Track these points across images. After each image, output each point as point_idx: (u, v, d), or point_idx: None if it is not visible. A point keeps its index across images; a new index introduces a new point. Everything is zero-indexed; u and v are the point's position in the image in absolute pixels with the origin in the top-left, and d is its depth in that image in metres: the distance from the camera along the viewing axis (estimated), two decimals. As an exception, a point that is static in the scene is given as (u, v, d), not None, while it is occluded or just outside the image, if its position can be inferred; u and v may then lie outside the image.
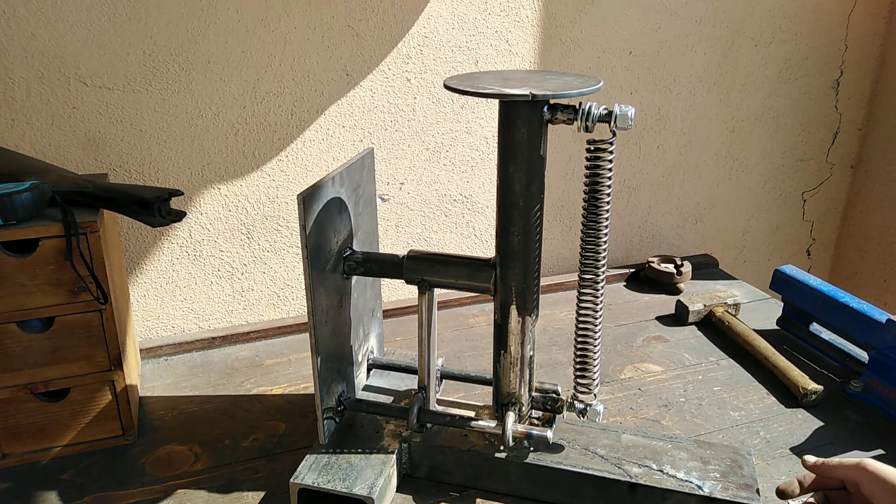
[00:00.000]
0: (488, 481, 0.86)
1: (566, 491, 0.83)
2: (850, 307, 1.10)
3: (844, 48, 1.56)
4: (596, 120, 0.72)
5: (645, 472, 0.81)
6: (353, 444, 0.86)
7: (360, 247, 0.93)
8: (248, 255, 1.25)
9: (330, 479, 0.80)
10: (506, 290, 0.82)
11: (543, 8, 1.29)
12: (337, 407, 0.88)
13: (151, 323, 1.23)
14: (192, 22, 1.09)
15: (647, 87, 1.43)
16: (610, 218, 0.78)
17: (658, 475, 0.81)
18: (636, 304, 1.37)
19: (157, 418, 1.01)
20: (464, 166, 1.34)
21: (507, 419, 0.82)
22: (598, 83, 0.72)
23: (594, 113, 0.72)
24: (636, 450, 0.85)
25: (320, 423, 0.85)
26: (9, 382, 0.88)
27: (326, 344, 0.83)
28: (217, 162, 1.17)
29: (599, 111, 0.72)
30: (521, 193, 0.77)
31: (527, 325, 0.83)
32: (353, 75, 1.21)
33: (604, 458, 0.83)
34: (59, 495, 0.86)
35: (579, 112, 0.72)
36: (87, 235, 0.85)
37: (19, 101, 1.04)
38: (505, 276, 0.81)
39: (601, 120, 0.72)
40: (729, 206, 1.62)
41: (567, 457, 0.84)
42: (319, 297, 0.80)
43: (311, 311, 0.78)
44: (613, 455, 0.84)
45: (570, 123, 0.72)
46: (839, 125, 1.64)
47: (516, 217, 0.78)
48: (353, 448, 0.85)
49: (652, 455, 0.84)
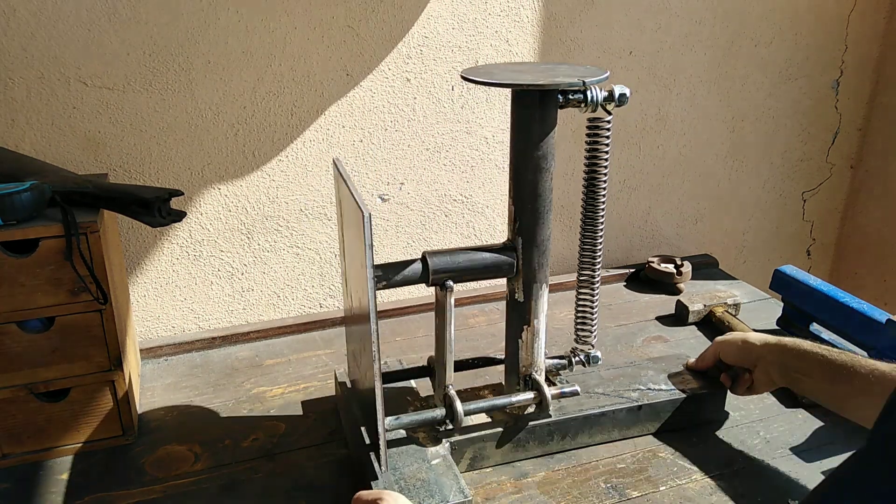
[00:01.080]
0: (524, 451, 0.92)
1: (591, 432, 0.94)
2: (850, 307, 1.10)
3: (844, 48, 1.56)
4: (601, 101, 0.80)
5: (640, 394, 0.97)
6: (402, 462, 0.84)
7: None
8: (248, 255, 1.25)
9: (420, 501, 0.79)
10: (529, 268, 0.87)
11: (543, 8, 1.29)
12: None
13: (151, 323, 1.23)
14: (192, 22, 1.09)
15: (647, 87, 1.43)
16: (609, 174, 0.86)
17: (651, 392, 0.97)
18: (636, 304, 1.37)
19: (157, 418, 1.01)
20: (464, 166, 1.34)
21: (542, 386, 0.90)
22: (605, 70, 0.83)
23: (599, 95, 0.80)
24: (620, 380, 1.00)
25: (383, 452, 0.81)
26: (9, 382, 0.88)
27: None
28: (217, 162, 1.17)
29: (603, 93, 0.80)
30: (538, 169, 0.84)
31: (545, 296, 0.90)
32: (353, 75, 1.21)
33: (606, 394, 0.96)
34: (59, 495, 0.86)
35: (588, 95, 0.80)
36: (87, 235, 0.85)
37: (19, 101, 1.04)
38: (528, 255, 0.87)
39: (606, 100, 0.81)
40: (729, 206, 1.62)
41: (582, 404, 0.94)
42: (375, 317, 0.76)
43: (376, 334, 0.75)
44: (610, 390, 0.97)
45: (579, 105, 0.81)
46: (839, 125, 1.64)
47: (535, 194, 0.85)
48: (406, 465, 0.84)
49: (633, 379, 1.00)
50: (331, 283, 1.32)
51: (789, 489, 0.87)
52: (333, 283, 1.32)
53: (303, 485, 0.88)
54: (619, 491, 0.87)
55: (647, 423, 0.97)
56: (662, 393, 0.97)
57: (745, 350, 0.94)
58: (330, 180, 1.25)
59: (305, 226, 1.26)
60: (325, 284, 1.32)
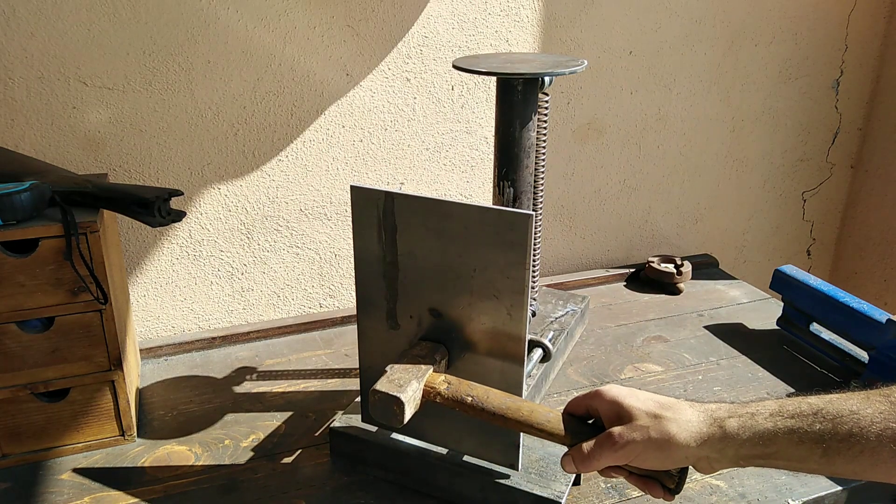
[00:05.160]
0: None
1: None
2: (850, 307, 1.10)
3: (844, 48, 1.56)
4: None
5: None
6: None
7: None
8: (248, 255, 1.25)
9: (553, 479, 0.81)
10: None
11: (543, 8, 1.29)
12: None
13: (151, 323, 1.23)
14: (192, 22, 1.09)
15: (647, 87, 1.43)
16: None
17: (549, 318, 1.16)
18: (636, 304, 1.37)
19: (157, 418, 1.01)
20: (464, 166, 1.34)
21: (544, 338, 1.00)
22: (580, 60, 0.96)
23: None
24: (537, 321, 1.14)
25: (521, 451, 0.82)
26: (9, 382, 0.88)
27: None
28: (217, 162, 1.17)
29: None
30: (519, 136, 0.94)
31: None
32: (353, 75, 1.21)
33: (535, 333, 1.09)
34: (59, 495, 0.86)
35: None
36: (87, 235, 0.85)
37: (19, 101, 1.04)
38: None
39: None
40: (729, 206, 1.62)
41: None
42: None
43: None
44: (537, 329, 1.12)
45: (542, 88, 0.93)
46: (839, 125, 1.64)
47: (518, 155, 0.94)
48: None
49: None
50: (331, 283, 1.32)
51: (789, 489, 0.87)
52: (333, 283, 1.32)
53: (303, 485, 0.88)
54: (619, 491, 0.87)
55: None
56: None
57: (669, 457, 0.62)
58: (330, 180, 1.25)
59: (305, 226, 1.26)
60: (325, 284, 1.32)
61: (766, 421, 0.60)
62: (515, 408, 0.70)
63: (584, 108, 1.39)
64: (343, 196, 1.27)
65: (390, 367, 0.75)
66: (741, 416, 0.61)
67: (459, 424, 0.82)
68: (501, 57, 1.01)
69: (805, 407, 0.59)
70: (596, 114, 1.41)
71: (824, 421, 0.58)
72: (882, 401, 0.58)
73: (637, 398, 0.65)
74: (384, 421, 0.72)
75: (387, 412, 0.71)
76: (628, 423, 0.63)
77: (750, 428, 0.60)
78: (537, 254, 1.05)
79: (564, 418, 0.68)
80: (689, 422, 0.62)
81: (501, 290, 0.74)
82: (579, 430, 0.67)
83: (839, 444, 0.57)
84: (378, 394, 0.71)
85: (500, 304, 0.74)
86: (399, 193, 0.76)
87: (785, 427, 0.59)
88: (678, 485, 0.64)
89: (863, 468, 0.57)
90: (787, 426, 0.59)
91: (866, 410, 0.57)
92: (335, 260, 1.31)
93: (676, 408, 0.63)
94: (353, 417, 0.91)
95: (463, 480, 0.83)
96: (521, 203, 0.97)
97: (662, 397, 0.65)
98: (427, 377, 0.74)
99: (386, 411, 0.71)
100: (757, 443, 0.60)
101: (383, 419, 0.71)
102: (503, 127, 0.94)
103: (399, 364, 0.75)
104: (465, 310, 0.77)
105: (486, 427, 0.80)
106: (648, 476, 0.65)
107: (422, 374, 0.73)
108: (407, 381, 0.72)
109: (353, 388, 1.08)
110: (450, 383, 0.73)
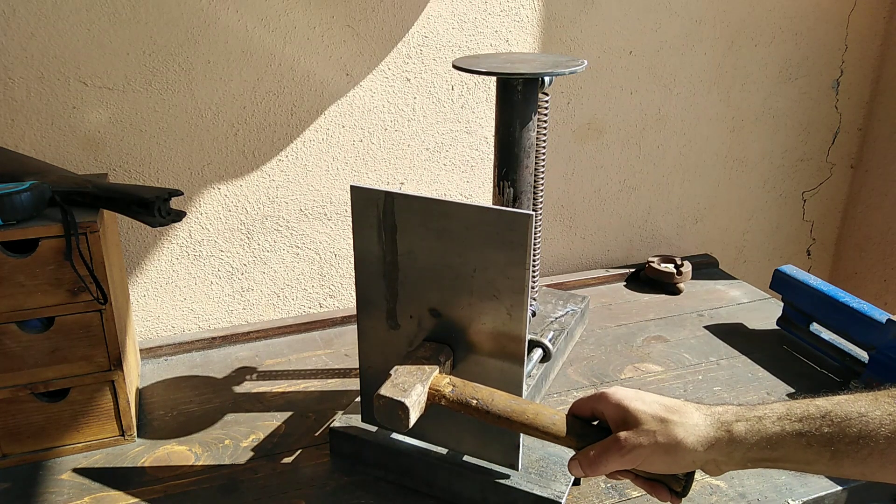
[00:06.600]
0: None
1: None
2: (850, 307, 1.10)
3: (844, 48, 1.56)
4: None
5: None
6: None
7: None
8: (248, 255, 1.25)
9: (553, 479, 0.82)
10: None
11: (543, 8, 1.29)
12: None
13: (151, 323, 1.23)
14: (192, 22, 1.09)
15: (647, 87, 1.43)
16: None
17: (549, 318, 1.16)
18: (636, 304, 1.37)
19: (157, 418, 1.01)
20: (464, 166, 1.34)
21: (544, 338, 1.00)
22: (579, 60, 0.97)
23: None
24: (537, 321, 1.15)
25: (521, 451, 0.82)
26: (9, 382, 0.88)
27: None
28: (217, 162, 1.17)
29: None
30: (519, 136, 0.94)
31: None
32: (352, 75, 1.21)
33: (535, 333, 1.09)
34: (59, 495, 0.86)
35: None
36: (86, 235, 0.85)
37: (19, 101, 1.04)
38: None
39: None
40: (729, 206, 1.62)
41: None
42: None
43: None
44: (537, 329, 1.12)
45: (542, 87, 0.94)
46: (839, 125, 1.64)
47: (518, 155, 0.94)
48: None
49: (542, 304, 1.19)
50: (330, 283, 1.32)
51: (789, 489, 0.87)
52: (333, 283, 1.32)
53: (303, 485, 0.88)
54: (619, 491, 0.87)
55: None
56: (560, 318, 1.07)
57: (676, 461, 0.62)
58: (330, 180, 1.25)
59: (305, 226, 1.26)
60: (325, 284, 1.32)
61: (773, 425, 0.59)
62: (521, 410, 0.69)
63: (584, 108, 1.39)
64: (343, 196, 1.27)
65: (395, 370, 0.74)
66: (749, 419, 0.60)
67: (460, 425, 0.82)
68: (501, 57, 1.01)
69: (813, 410, 0.59)
70: (596, 114, 1.41)
71: (832, 424, 0.57)
72: (891, 402, 0.57)
73: (643, 401, 0.64)
74: (389, 425, 0.71)
75: (392, 417, 0.70)
76: (634, 427, 0.63)
77: (758, 432, 0.60)
78: (537, 254, 1.05)
79: (569, 420, 0.68)
80: (697, 426, 0.61)
81: (501, 290, 0.74)
82: (584, 433, 0.67)
83: (848, 446, 0.56)
84: (383, 398, 0.70)
85: (500, 304, 0.74)
86: (399, 193, 0.76)
87: (793, 431, 0.58)
88: (685, 488, 0.64)
89: (872, 470, 0.57)
90: (796, 430, 0.58)
91: (875, 412, 0.57)
92: (335, 260, 1.31)
93: (683, 411, 0.62)
94: (353, 417, 0.91)
95: (463, 480, 0.83)
96: (521, 203, 0.97)
97: (668, 400, 0.64)
98: (432, 380, 0.74)
99: (391, 416, 0.70)
100: (765, 447, 0.59)
101: (388, 423, 0.71)
102: (503, 127, 0.94)
103: (404, 366, 0.75)
104: (465, 310, 0.77)
105: (486, 427, 0.80)
106: (655, 479, 0.65)
107: (426, 377, 0.73)
108: (411, 384, 0.72)
109: (353, 388, 1.08)
110: (454, 386, 0.73)
